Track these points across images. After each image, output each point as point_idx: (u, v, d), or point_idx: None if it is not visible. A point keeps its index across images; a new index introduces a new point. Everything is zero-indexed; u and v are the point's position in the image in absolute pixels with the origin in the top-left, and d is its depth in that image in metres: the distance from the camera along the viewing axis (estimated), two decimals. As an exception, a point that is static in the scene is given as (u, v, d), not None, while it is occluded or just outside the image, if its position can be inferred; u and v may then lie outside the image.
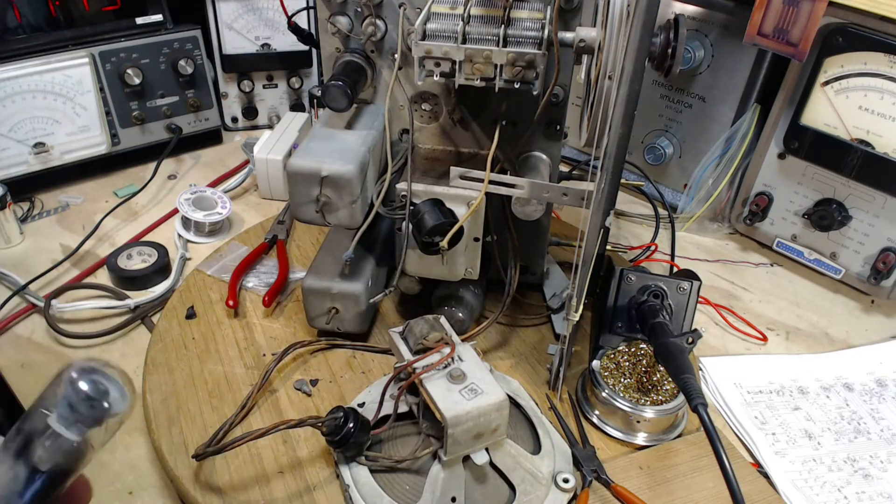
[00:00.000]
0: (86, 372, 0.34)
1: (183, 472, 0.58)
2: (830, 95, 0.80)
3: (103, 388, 0.34)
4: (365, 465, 0.56)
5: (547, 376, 0.69)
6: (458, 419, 0.50)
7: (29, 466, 0.34)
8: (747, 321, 0.80)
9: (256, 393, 0.64)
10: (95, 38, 0.95)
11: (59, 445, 0.33)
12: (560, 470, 0.58)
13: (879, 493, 0.61)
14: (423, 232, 0.60)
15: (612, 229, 0.92)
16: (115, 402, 0.34)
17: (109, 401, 0.34)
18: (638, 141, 1.01)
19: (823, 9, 0.74)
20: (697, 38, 0.91)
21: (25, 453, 0.34)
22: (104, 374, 0.34)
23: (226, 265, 0.82)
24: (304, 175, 0.60)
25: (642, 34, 0.48)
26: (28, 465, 0.34)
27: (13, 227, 0.88)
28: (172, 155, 1.05)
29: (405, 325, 0.58)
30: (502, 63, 0.55)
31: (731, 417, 0.68)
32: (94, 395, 0.33)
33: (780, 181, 0.88)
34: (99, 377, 0.34)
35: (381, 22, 0.65)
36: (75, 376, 0.33)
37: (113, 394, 0.34)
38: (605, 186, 0.56)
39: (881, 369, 0.74)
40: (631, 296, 0.69)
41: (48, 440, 0.33)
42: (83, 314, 0.77)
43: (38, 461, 0.33)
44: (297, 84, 1.13)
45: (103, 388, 0.34)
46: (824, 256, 0.87)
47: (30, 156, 0.93)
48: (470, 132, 0.69)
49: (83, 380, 0.33)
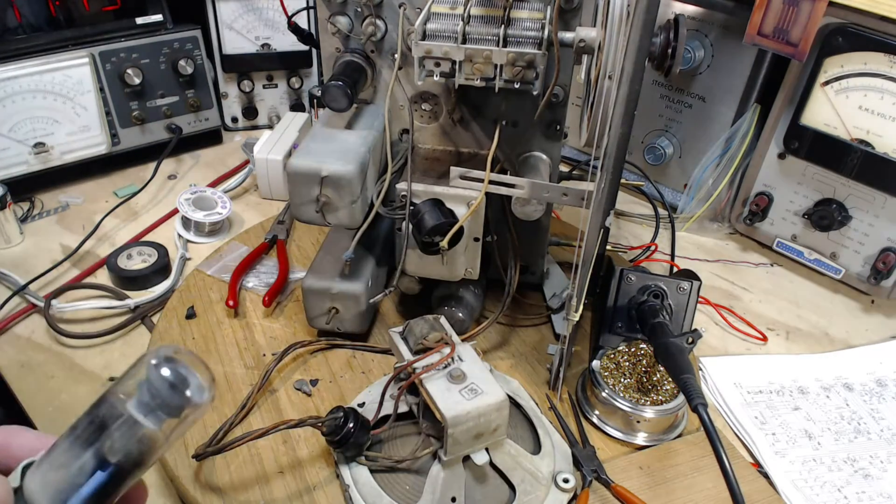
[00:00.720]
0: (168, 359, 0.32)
1: (183, 472, 0.58)
2: (830, 95, 0.80)
3: (185, 376, 0.32)
4: (365, 465, 0.56)
5: (547, 376, 0.69)
6: (458, 419, 0.50)
7: (97, 456, 0.31)
8: (747, 321, 0.80)
9: (256, 393, 0.64)
10: (95, 38, 0.95)
11: (134, 434, 0.31)
12: (560, 470, 0.58)
13: (879, 493, 0.61)
14: (423, 232, 0.60)
15: (612, 229, 0.92)
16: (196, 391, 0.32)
17: (191, 390, 0.32)
18: (638, 141, 1.01)
19: (823, 9, 0.74)
20: (697, 38, 0.91)
21: (95, 441, 0.31)
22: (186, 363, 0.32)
23: (226, 265, 0.82)
24: (304, 175, 0.60)
25: (642, 34, 0.48)
26: (96, 455, 0.31)
27: (13, 227, 0.88)
28: (172, 155, 1.05)
29: (405, 325, 0.58)
30: (502, 63, 0.55)
31: (731, 417, 0.68)
32: (177, 382, 0.31)
33: (780, 181, 0.88)
34: (181, 365, 0.32)
35: (381, 22, 0.65)
36: (157, 362, 0.31)
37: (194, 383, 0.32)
38: (605, 186, 0.56)
39: (881, 369, 0.74)
40: (631, 296, 0.69)
41: (123, 428, 0.31)
42: (83, 314, 0.77)
43: (109, 451, 0.31)
44: (297, 84, 1.13)
45: (185, 377, 0.32)
46: (824, 256, 0.87)
47: (30, 156, 0.93)
48: (470, 132, 0.69)
49: (165, 366, 0.31)
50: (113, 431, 0.31)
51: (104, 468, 0.31)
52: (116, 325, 0.75)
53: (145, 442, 0.31)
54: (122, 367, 0.70)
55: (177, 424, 0.32)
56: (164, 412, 0.31)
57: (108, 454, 0.31)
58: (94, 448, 0.31)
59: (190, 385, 0.31)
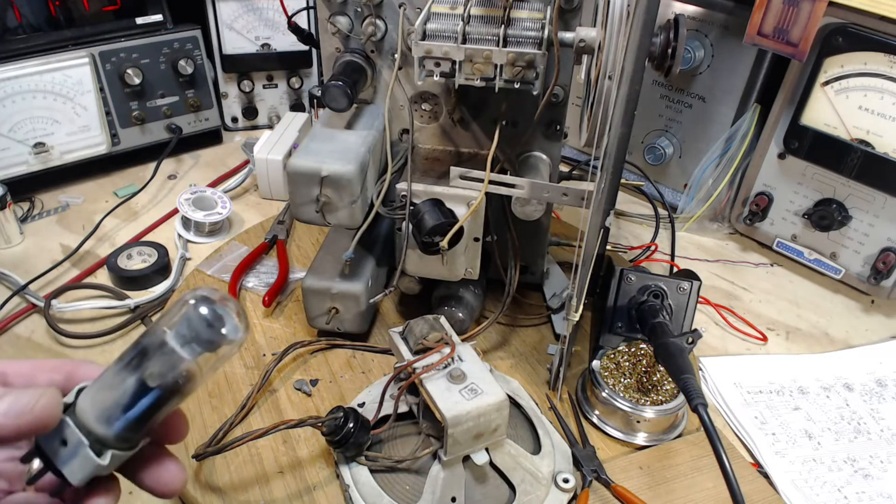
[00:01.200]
0: (207, 299, 0.35)
1: (183, 472, 0.58)
2: (830, 95, 0.80)
3: (221, 315, 0.35)
4: (365, 465, 0.56)
5: (547, 376, 0.69)
6: (458, 419, 0.50)
7: (139, 380, 0.35)
8: (747, 321, 0.80)
9: (256, 393, 0.64)
10: (95, 38, 0.95)
11: (172, 362, 0.34)
12: (560, 470, 0.58)
13: (879, 493, 0.61)
14: (423, 232, 0.60)
15: (612, 229, 0.92)
16: (231, 330, 0.35)
17: (225, 328, 0.35)
18: (638, 141, 1.01)
19: (823, 9, 0.74)
20: (697, 38, 0.91)
21: (139, 366, 0.35)
22: (223, 305, 0.35)
23: (226, 265, 0.82)
24: (304, 175, 0.60)
25: (642, 34, 0.48)
26: (139, 379, 0.35)
27: (13, 227, 0.88)
28: (172, 155, 1.05)
29: (405, 325, 0.58)
30: (502, 63, 0.55)
31: (731, 417, 0.68)
32: (213, 319, 0.35)
33: (780, 181, 0.88)
34: (218, 306, 0.35)
35: (381, 22, 0.65)
36: (196, 301, 0.35)
37: (229, 323, 0.35)
38: (605, 186, 0.56)
39: (881, 369, 0.74)
40: (631, 296, 0.69)
41: (163, 356, 0.34)
42: (83, 314, 0.77)
43: (149, 376, 0.34)
44: (297, 84, 1.13)
45: (221, 316, 0.35)
46: (824, 256, 0.87)
47: (30, 156, 0.93)
48: (470, 132, 0.69)
49: (203, 305, 0.35)
50: (154, 359, 0.35)
51: (145, 391, 0.35)
52: (116, 325, 0.75)
53: (182, 371, 0.35)
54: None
55: (211, 358, 0.35)
56: (199, 345, 0.34)
57: (148, 379, 0.34)
58: (138, 373, 0.35)
59: (225, 323, 0.35)
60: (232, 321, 0.35)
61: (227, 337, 0.35)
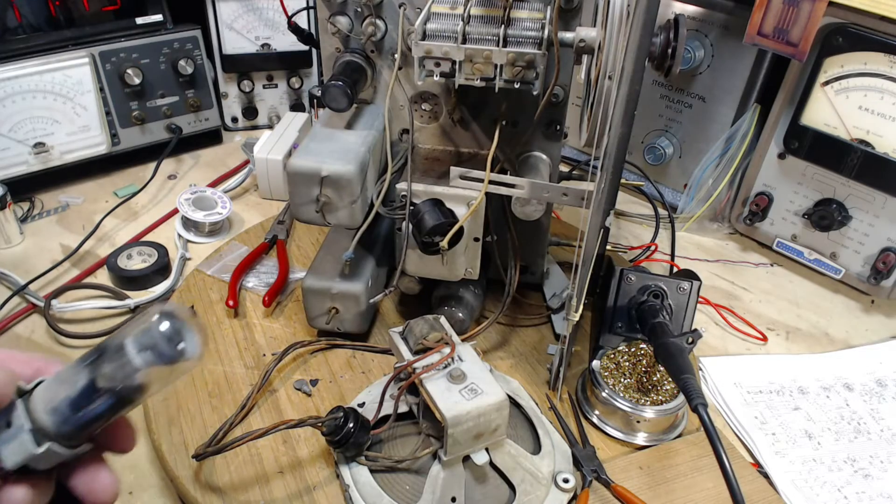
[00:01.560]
0: (171, 314, 0.35)
1: (183, 472, 0.58)
2: (830, 95, 0.80)
3: (181, 331, 0.35)
4: (365, 465, 0.56)
5: (547, 376, 0.69)
6: (458, 419, 0.50)
7: (91, 380, 0.35)
8: (747, 321, 0.80)
9: (256, 393, 0.64)
10: (95, 38, 0.95)
11: (123, 367, 0.35)
12: (560, 470, 0.58)
13: (879, 493, 0.61)
14: (423, 232, 0.60)
15: (612, 229, 0.92)
16: (188, 349, 0.35)
17: (183, 344, 0.35)
18: (638, 141, 1.01)
19: (823, 9, 0.74)
20: (697, 38, 0.91)
21: (93, 366, 0.36)
22: (186, 323, 0.36)
23: (226, 265, 0.82)
24: (304, 175, 0.60)
25: (642, 34, 0.48)
26: (91, 379, 0.35)
27: (13, 227, 0.88)
28: (172, 155, 1.05)
29: (405, 325, 0.58)
30: (502, 63, 0.55)
31: (731, 417, 0.68)
32: (172, 334, 0.35)
33: (780, 181, 0.88)
34: (181, 323, 0.36)
35: (381, 22, 0.65)
36: (160, 315, 0.35)
37: (188, 341, 0.35)
38: (605, 186, 0.56)
39: (881, 369, 0.74)
40: (631, 296, 0.69)
41: (117, 361, 0.35)
42: (83, 314, 0.77)
43: (101, 377, 0.35)
44: (297, 84, 1.13)
45: (181, 333, 0.35)
46: (824, 256, 0.87)
47: (30, 156, 0.93)
48: (470, 132, 0.69)
49: (166, 319, 0.35)
50: (108, 362, 0.35)
51: (94, 392, 0.35)
52: (116, 326, 0.75)
53: (133, 378, 0.35)
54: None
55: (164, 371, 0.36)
56: (154, 356, 0.35)
57: (99, 380, 0.35)
58: (91, 372, 0.35)
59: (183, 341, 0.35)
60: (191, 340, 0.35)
61: (182, 353, 0.35)
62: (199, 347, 0.36)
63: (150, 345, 0.35)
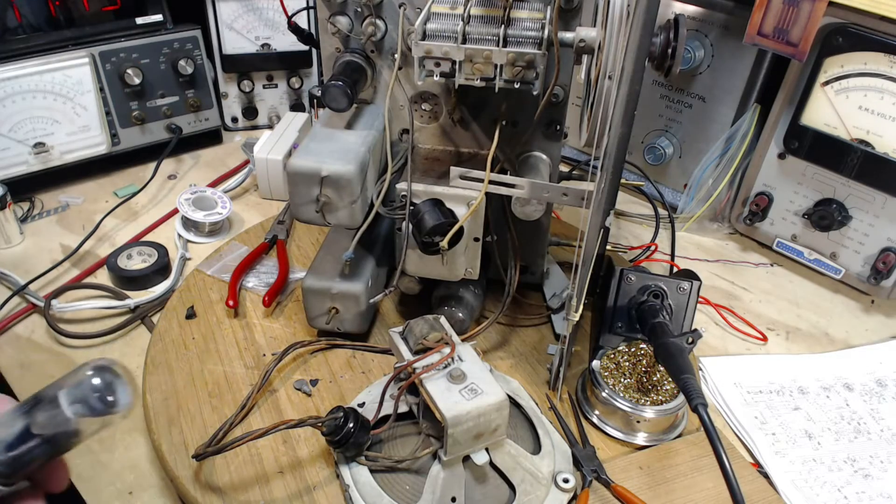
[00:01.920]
0: (104, 370, 0.39)
1: (183, 472, 0.58)
2: (830, 95, 0.80)
3: (112, 388, 0.39)
4: (365, 465, 0.56)
5: (547, 376, 0.69)
6: (458, 419, 0.50)
7: (25, 424, 0.38)
8: (747, 321, 0.80)
9: (256, 393, 0.64)
10: (95, 38, 0.95)
11: (56, 418, 0.38)
12: (560, 470, 0.58)
13: (879, 493, 0.61)
14: (423, 232, 0.60)
15: (612, 229, 0.92)
16: (118, 403, 0.39)
17: (114, 401, 0.39)
18: (638, 141, 1.01)
19: (823, 9, 0.74)
20: (697, 38, 0.91)
21: (28, 412, 0.39)
22: (118, 378, 0.39)
23: (226, 265, 0.82)
24: (304, 175, 0.60)
25: (642, 34, 0.48)
26: (25, 422, 0.38)
27: (13, 227, 0.88)
28: (172, 155, 1.05)
29: (405, 325, 0.58)
30: (502, 63, 0.55)
31: (731, 417, 0.68)
32: (103, 390, 0.38)
33: (780, 181, 0.88)
34: (113, 378, 0.39)
35: (381, 22, 0.65)
36: (93, 372, 0.39)
37: (119, 396, 0.39)
38: (605, 186, 0.56)
39: (881, 369, 0.74)
40: (631, 296, 0.69)
41: (50, 409, 0.38)
42: (83, 314, 0.77)
43: (34, 423, 0.38)
44: (297, 84, 1.13)
45: (112, 389, 0.39)
46: (824, 256, 0.87)
47: (30, 156, 0.93)
48: (470, 132, 0.69)
49: (98, 376, 0.39)
50: (42, 411, 0.39)
51: (28, 437, 0.38)
52: (116, 325, 0.75)
53: (65, 428, 0.38)
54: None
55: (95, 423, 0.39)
56: (84, 409, 0.38)
57: (33, 427, 0.38)
58: (26, 419, 0.39)
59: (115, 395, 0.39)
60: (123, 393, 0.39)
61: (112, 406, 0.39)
62: (130, 399, 0.39)
63: (81, 398, 0.38)
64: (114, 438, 0.63)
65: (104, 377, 0.39)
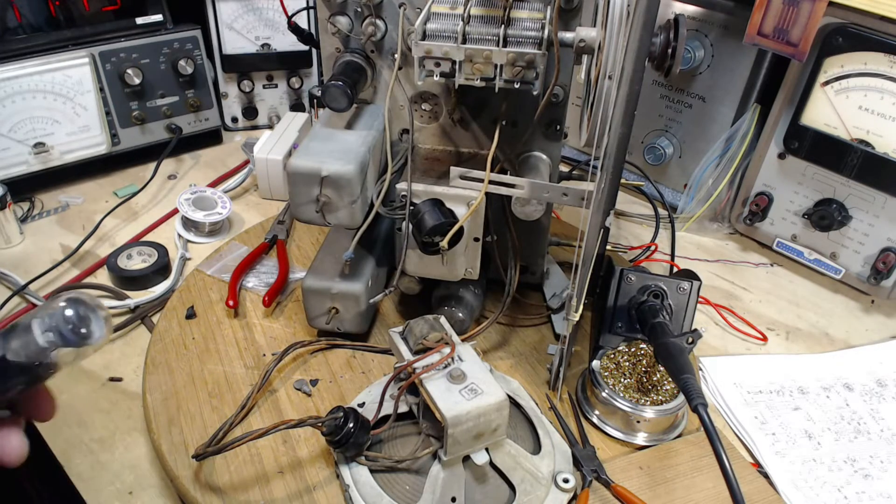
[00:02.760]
0: (78, 302, 0.39)
1: (183, 472, 0.58)
2: (830, 95, 0.80)
3: (86, 321, 0.39)
4: (365, 465, 0.56)
5: (547, 376, 0.69)
6: (458, 419, 0.50)
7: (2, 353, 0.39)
8: (747, 321, 0.80)
9: (256, 393, 0.64)
10: (95, 38, 0.95)
11: (29, 345, 0.39)
12: (560, 470, 0.58)
13: (879, 493, 0.61)
14: (423, 232, 0.60)
15: (612, 229, 0.92)
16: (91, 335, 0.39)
17: (87, 332, 0.39)
18: (638, 141, 1.01)
19: (823, 9, 0.74)
20: (697, 38, 0.91)
21: (2, 339, 0.39)
22: (92, 311, 0.39)
23: (226, 265, 0.82)
24: (304, 175, 0.60)
25: (642, 34, 0.48)
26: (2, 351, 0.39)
27: (13, 227, 0.88)
28: (172, 155, 1.05)
29: (405, 325, 0.58)
30: (502, 63, 0.55)
31: (731, 417, 0.68)
32: (76, 322, 0.39)
33: (780, 181, 0.88)
34: (87, 311, 0.39)
35: (381, 22, 0.65)
36: (66, 303, 0.39)
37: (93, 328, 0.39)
38: (605, 186, 0.56)
39: (881, 369, 0.74)
40: (631, 296, 0.69)
41: (24, 336, 0.39)
42: (83, 314, 0.77)
43: (9, 351, 0.39)
44: (297, 84, 1.13)
45: (86, 321, 0.39)
46: (824, 256, 0.87)
47: (30, 156, 0.93)
48: (470, 132, 0.69)
49: (72, 307, 0.39)
50: (17, 338, 0.39)
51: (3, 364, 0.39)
52: (116, 326, 0.75)
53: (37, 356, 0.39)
54: (122, 368, 0.71)
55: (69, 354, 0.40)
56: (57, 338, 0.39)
57: (8, 353, 0.39)
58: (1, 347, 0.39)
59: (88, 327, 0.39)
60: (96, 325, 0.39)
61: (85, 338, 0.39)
62: (103, 332, 0.39)
63: (53, 327, 0.38)
64: (114, 438, 0.64)
65: (77, 309, 0.39)
